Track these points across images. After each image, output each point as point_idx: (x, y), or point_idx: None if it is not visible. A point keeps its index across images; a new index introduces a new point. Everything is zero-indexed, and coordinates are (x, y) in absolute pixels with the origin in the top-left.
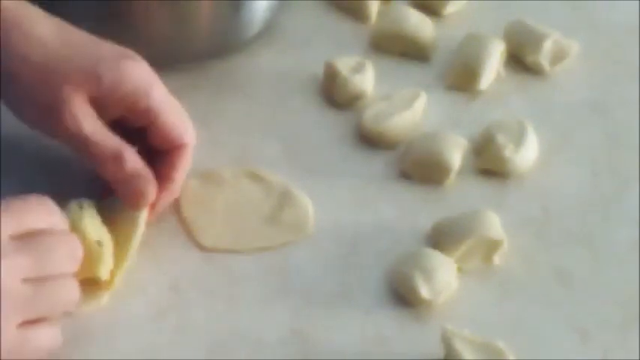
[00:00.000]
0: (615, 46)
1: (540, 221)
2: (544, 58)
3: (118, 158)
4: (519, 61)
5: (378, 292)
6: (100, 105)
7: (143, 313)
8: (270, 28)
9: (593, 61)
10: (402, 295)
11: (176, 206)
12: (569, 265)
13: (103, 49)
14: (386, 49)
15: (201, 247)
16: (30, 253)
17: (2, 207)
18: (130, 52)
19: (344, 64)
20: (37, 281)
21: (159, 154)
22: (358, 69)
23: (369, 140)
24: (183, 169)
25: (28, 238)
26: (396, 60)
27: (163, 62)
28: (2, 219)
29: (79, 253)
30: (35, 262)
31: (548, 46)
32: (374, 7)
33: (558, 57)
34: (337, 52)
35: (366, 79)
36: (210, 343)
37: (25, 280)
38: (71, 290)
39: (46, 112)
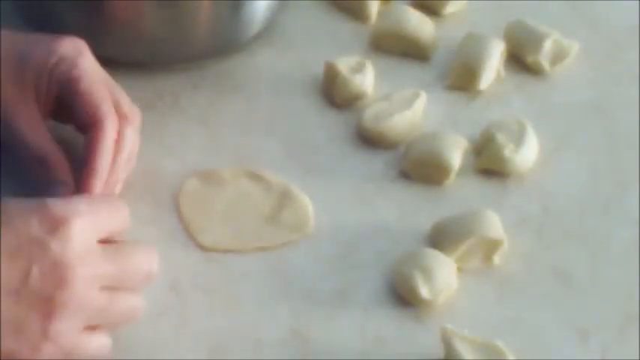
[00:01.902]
0: (615, 46)
1: (540, 221)
2: (544, 58)
3: (43, 164)
4: (519, 61)
5: (378, 292)
6: (36, 89)
7: (143, 313)
8: (270, 28)
9: (593, 61)
10: (402, 295)
11: (176, 206)
12: (569, 265)
13: (35, 36)
14: (386, 49)
15: (201, 247)
16: (114, 263)
17: (87, 208)
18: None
19: (344, 64)
20: (113, 290)
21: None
22: (358, 69)
23: (369, 140)
24: (103, 151)
25: (113, 246)
26: (396, 60)
27: (163, 62)
28: (91, 223)
29: (155, 267)
30: (117, 273)
31: (548, 46)
32: (374, 7)
33: (558, 57)
34: (337, 52)
35: (366, 79)
36: (210, 343)
37: (103, 288)
38: (139, 302)
39: None
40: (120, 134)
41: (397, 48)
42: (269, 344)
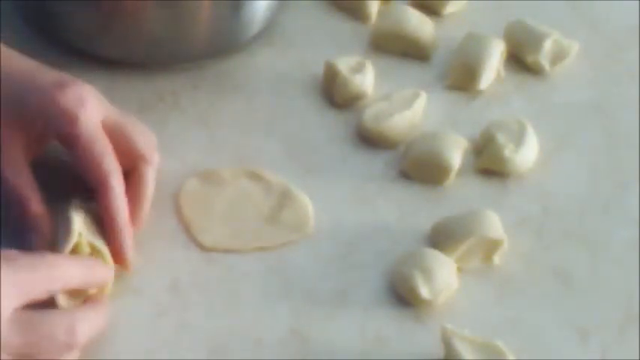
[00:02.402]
0: (615, 46)
1: (540, 221)
2: (544, 58)
3: (21, 208)
4: (519, 60)
5: (378, 292)
6: (28, 132)
7: (143, 313)
8: (270, 28)
9: (593, 61)
10: (402, 295)
11: (176, 206)
12: (569, 264)
13: (38, 78)
14: (386, 48)
15: (202, 247)
16: (23, 334)
17: (6, 275)
18: (67, 78)
19: (344, 64)
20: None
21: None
22: (358, 69)
23: (369, 140)
24: (118, 211)
25: (26, 314)
26: (396, 60)
27: (163, 62)
28: (6, 292)
29: (81, 334)
30: (24, 344)
31: (548, 46)
32: (374, 7)
33: (558, 57)
34: (337, 52)
35: (366, 79)
36: (210, 343)
37: (14, 356)
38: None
39: None
40: (139, 176)
41: (397, 48)
42: (269, 344)
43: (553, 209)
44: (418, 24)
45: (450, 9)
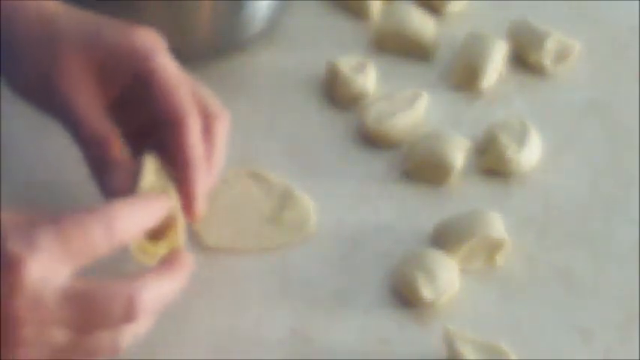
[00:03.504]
0: (618, 45)
1: (543, 221)
2: (546, 57)
3: (100, 144)
4: (522, 60)
5: (380, 293)
6: (102, 70)
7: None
8: (271, 27)
9: (596, 61)
10: (404, 296)
11: None
12: (572, 265)
13: (109, 20)
14: (388, 48)
15: (202, 247)
16: (76, 307)
17: (51, 241)
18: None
19: (346, 64)
20: (80, 330)
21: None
22: (360, 68)
23: (371, 140)
24: (193, 145)
25: (80, 288)
26: (398, 59)
27: None
28: (53, 259)
29: (140, 305)
30: (79, 317)
31: (550, 45)
32: (376, 7)
33: (561, 56)
34: (339, 52)
35: (368, 78)
36: (211, 343)
37: (67, 328)
38: (116, 341)
39: (40, 78)
40: (211, 132)
41: (399, 47)
42: (270, 344)
43: (555, 209)
44: (420, 23)
45: (452, 8)
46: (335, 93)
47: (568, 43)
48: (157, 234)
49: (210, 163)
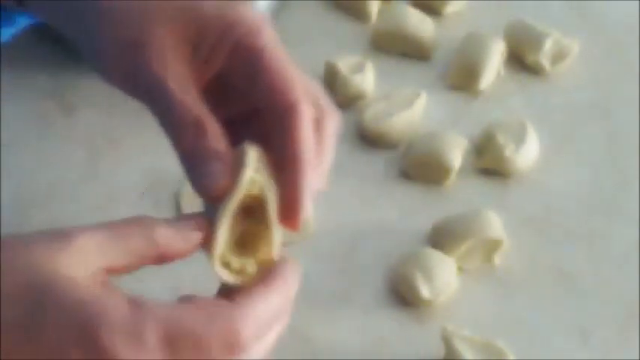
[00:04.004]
0: (615, 45)
1: (541, 221)
2: (544, 57)
3: (197, 128)
4: (519, 60)
5: (378, 292)
6: (198, 46)
7: None
8: None
9: (594, 61)
10: (403, 295)
11: (177, 206)
12: (570, 264)
13: None
14: (386, 48)
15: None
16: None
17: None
18: None
19: (344, 64)
20: None
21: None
22: (358, 68)
23: (370, 140)
24: (305, 140)
25: (176, 342)
26: (396, 59)
27: None
28: (150, 323)
29: (241, 345)
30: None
31: (548, 45)
32: (374, 7)
33: (558, 57)
34: (337, 52)
35: (367, 78)
36: None
37: None
38: None
39: (127, 53)
40: (322, 128)
41: (397, 47)
42: None
43: (553, 209)
44: (418, 24)
45: (450, 9)
46: (334, 93)
47: (566, 44)
48: (245, 245)
49: (320, 164)
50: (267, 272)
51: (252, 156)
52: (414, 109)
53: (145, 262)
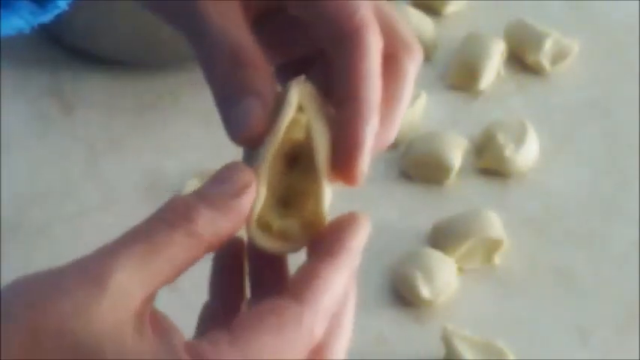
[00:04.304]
0: (616, 45)
1: (541, 221)
2: (544, 57)
3: (235, 57)
4: (520, 60)
5: (378, 292)
6: None
7: None
8: None
9: (594, 61)
10: (403, 295)
11: None
12: (570, 264)
13: None
14: None
15: None
16: None
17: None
18: None
19: None
20: None
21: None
22: None
23: None
24: (370, 74)
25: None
26: None
27: (163, 62)
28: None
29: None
30: None
31: (548, 45)
32: None
33: (559, 57)
34: None
35: None
36: None
37: None
38: None
39: None
40: (399, 67)
41: None
42: None
43: (553, 209)
44: (418, 24)
45: (450, 9)
46: None
47: (566, 44)
48: (289, 205)
49: (389, 110)
50: (328, 242)
51: (297, 92)
52: (414, 109)
53: (193, 263)
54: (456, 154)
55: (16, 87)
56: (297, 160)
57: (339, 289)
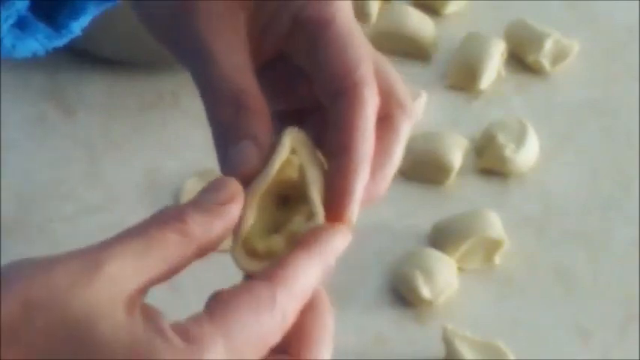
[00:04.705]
0: (616, 45)
1: (541, 221)
2: (544, 57)
3: (238, 103)
4: (520, 60)
5: (379, 292)
6: (257, 15)
7: None
8: None
9: (594, 61)
10: (403, 295)
11: None
12: (570, 264)
13: None
14: (386, 48)
15: None
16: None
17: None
18: None
19: None
20: None
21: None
22: None
23: None
24: (364, 129)
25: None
26: (396, 59)
27: (163, 62)
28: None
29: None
30: None
31: (548, 45)
32: (374, 7)
33: (559, 57)
34: None
35: None
36: None
37: None
38: None
39: (179, 17)
40: (392, 125)
41: (397, 47)
42: None
43: (553, 209)
44: (418, 24)
45: (450, 9)
46: None
47: (566, 44)
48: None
49: (380, 165)
50: (304, 238)
51: (290, 135)
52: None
53: (186, 263)
54: (456, 154)
55: (16, 87)
56: (288, 201)
57: (310, 280)
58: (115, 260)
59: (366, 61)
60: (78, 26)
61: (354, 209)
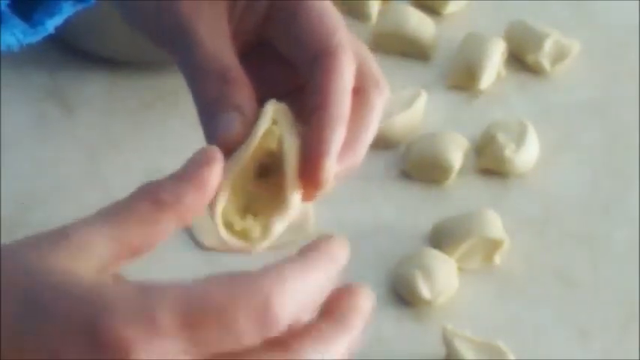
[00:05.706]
0: (616, 45)
1: (541, 221)
2: (545, 57)
3: (223, 78)
4: (520, 60)
5: (379, 292)
6: (235, 4)
7: None
8: None
9: (594, 61)
10: (403, 295)
11: None
12: (570, 265)
13: None
14: (386, 48)
15: (202, 247)
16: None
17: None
18: None
19: None
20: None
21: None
22: None
23: None
24: (339, 91)
25: (196, 321)
26: (396, 59)
27: (163, 62)
28: (187, 347)
29: (275, 319)
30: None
31: (548, 45)
32: (374, 7)
33: (559, 57)
34: None
35: None
36: None
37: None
38: None
39: (162, 5)
40: (366, 99)
41: (397, 48)
42: None
43: (554, 209)
44: (419, 24)
45: (450, 9)
46: None
47: (566, 44)
48: (253, 209)
49: (356, 134)
50: (308, 246)
51: (272, 108)
52: (414, 109)
53: (163, 230)
54: (456, 154)
55: (16, 87)
56: (267, 173)
57: (310, 283)
58: (83, 228)
59: (342, 29)
60: (52, 24)
61: (331, 167)
